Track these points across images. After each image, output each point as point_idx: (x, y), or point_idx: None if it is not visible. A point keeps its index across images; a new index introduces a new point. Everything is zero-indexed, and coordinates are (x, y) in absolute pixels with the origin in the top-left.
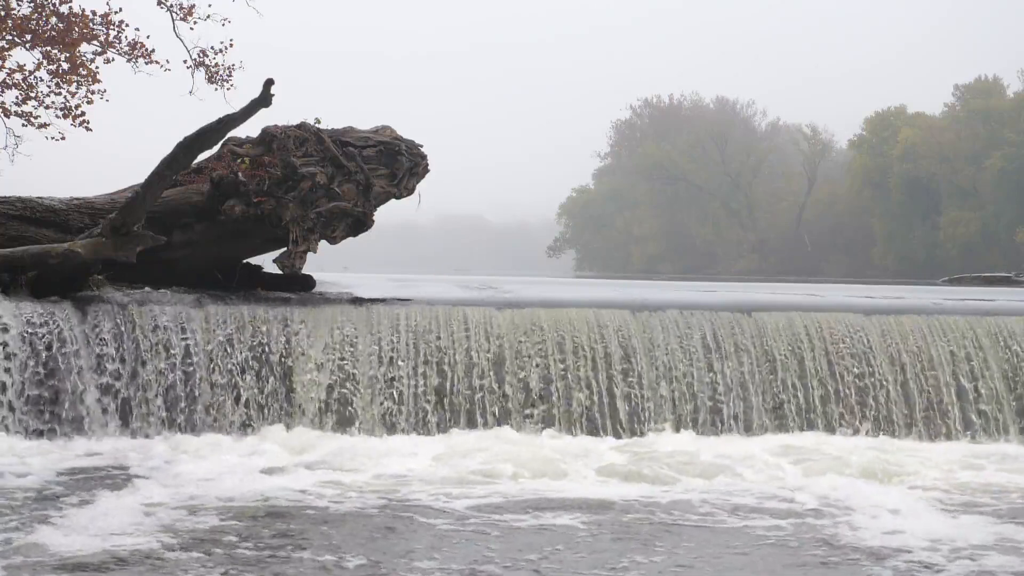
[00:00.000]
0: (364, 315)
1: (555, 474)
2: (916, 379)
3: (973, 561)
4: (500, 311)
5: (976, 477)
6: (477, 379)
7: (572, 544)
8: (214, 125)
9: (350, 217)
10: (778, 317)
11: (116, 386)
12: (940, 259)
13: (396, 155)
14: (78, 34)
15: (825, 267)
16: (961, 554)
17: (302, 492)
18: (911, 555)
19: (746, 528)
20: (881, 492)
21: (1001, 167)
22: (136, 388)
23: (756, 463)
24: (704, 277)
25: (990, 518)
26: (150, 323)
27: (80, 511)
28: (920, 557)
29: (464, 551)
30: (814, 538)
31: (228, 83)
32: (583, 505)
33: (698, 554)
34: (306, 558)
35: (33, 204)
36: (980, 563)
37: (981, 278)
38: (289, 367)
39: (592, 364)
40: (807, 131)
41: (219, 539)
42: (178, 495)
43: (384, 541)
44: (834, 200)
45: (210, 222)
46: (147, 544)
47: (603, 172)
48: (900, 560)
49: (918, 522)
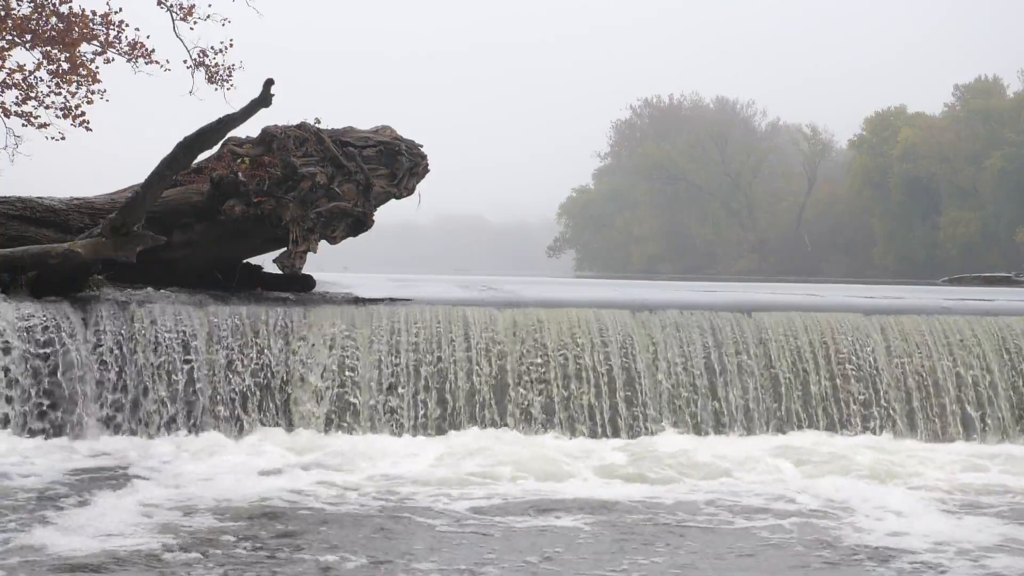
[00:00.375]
0: (364, 315)
1: (555, 475)
2: (916, 379)
3: (977, 562)
4: (501, 311)
5: (979, 478)
6: (477, 380)
7: (573, 545)
8: (214, 125)
9: (350, 217)
10: (778, 317)
11: (116, 386)
12: (940, 259)
13: (396, 155)
14: (78, 34)
15: (825, 267)
16: (967, 555)
17: (301, 493)
18: (916, 556)
19: (749, 529)
20: (884, 493)
21: (1001, 167)
22: (136, 388)
23: (757, 464)
24: (704, 277)
25: (994, 519)
26: (150, 323)
27: (79, 511)
28: (925, 558)
29: (464, 552)
30: (818, 539)
31: (228, 83)
32: (584, 506)
33: (700, 555)
34: (306, 559)
35: (33, 204)
36: (985, 564)
37: (981, 278)
38: (290, 367)
39: (592, 365)
40: (807, 131)
41: (218, 540)
42: (177, 495)
43: (384, 542)
44: (834, 200)
45: (210, 222)
46: (146, 544)
47: (603, 172)
48: (904, 561)
49: (921, 523)
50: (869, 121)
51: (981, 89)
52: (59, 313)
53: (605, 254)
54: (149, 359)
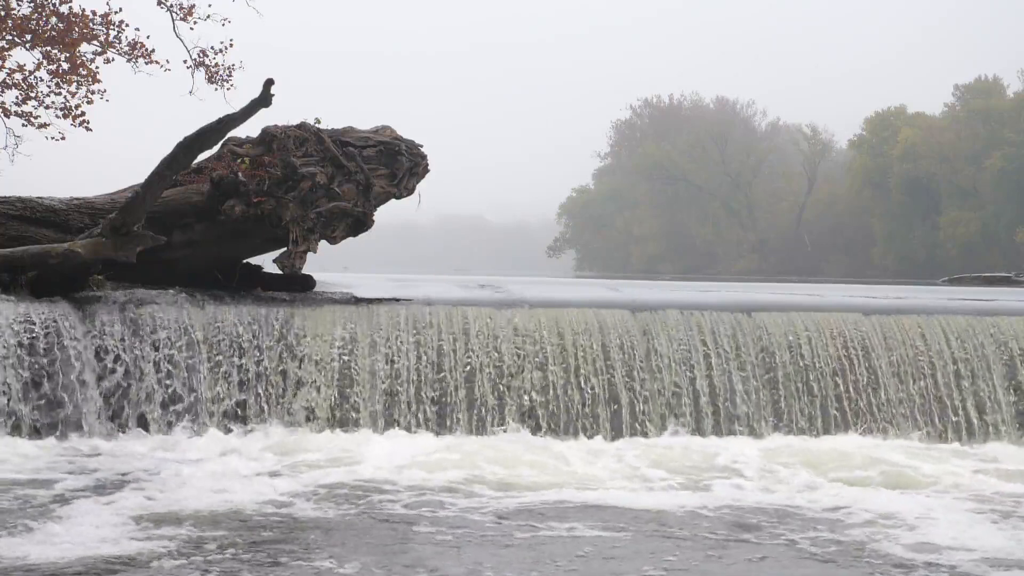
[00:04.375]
0: (364, 315)
1: (555, 477)
2: (917, 379)
3: (1002, 567)
4: (500, 311)
5: (981, 479)
6: (477, 381)
7: (572, 548)
8: (214, 125)
9: (350, 217)
10: (778, 317)
11: (114, 387)
12: (940, 259)
13: (396, 155)
14: (78, 34)
15: (825, 267)
16: (1002, 564)
17: (298, 496)
18: (940, 564)
19: (764, 535)
20: (902, 499)
21: (1001, 167)
22: (135, 388)
23: (761, 465)
24: (704, 277)
25: (1013, 521)
26: (149, 323)
27: (70, 512)
28: (951, 561)
29: (465, 554)
30: (840, 548)
31: (228, 83)
32: (584, 508)
33: (716, 563)
34: (302, 564)
35: (33, 204)
36: (1014, 573)
37: (981, 278)
38: (289, 368)
39: (592, 365)
40: (807, 131)
41: (210, 544)
42: (170, 498)
43: (383, 546)
44: (834, 200)
45: (210, 222)
46: (135, 549)
47: (603, 172)
48: (931, 571)
49: (940, 529)
50: (869, 121)
51: (981, 89)
52: (59, 313)
53: (605, 254)
54: (148, 359)
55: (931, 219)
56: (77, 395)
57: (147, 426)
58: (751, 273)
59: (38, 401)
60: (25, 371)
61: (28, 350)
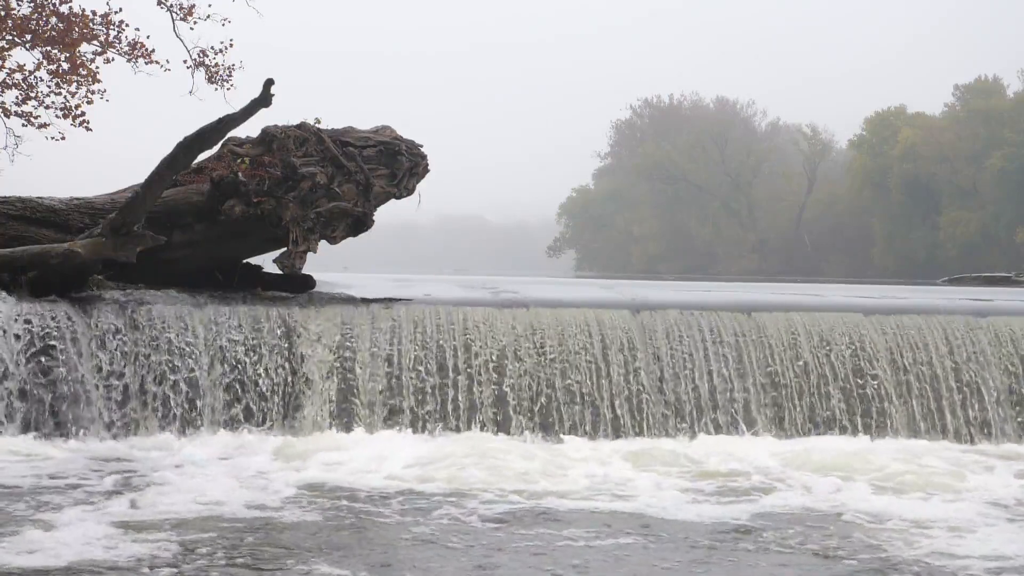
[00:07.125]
0: (364, 315)
1: (558, 479)
2: (917, 380)
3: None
4: (501, 311)
5: (984, 479)
6: (478, 382)
7: (572, 551)
8: (214, 125)
9: (350, 217)
10: (778, 317)
11: (115, 387)
12: (940, 259)
13: (396, 155)
14: (78, 34)
15: (825, 267)
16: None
17: (295, 499)
18: (970, 571)
19: (764, 536)
20: (919, 503)
21: (1001, 167)
22: (136, 389)
23: (761, 465)
24: (704, 277)
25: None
26: (149, 324)
27: (65, 516)
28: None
29: (461, 558)
30: (861, 553)
31: (228, 83)
32: (585, 510)
33: (718, 568)
34: (301, 568)
35: (33, 204)
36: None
37: (981, 278)
38: (289, 368)
39: (592, 365)
40: (807, 131)
41: (206, 548)
42: (167, 501)
43: (384, 548)
44: (834, 200)
45: (210, 222)
46: (126, 553)
47: (603, 172)
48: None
49: (962, 534)
50: (869, 121)
51: (981, 89)
52: (59, 313)
53: (605, 254)
54: (148, 359)
55: (931, 219)
56: (76, 396)
57: (145, 427)
58: (751, 273)
59: (36, 402)
60: (24, 371)
61: (27, 351)
